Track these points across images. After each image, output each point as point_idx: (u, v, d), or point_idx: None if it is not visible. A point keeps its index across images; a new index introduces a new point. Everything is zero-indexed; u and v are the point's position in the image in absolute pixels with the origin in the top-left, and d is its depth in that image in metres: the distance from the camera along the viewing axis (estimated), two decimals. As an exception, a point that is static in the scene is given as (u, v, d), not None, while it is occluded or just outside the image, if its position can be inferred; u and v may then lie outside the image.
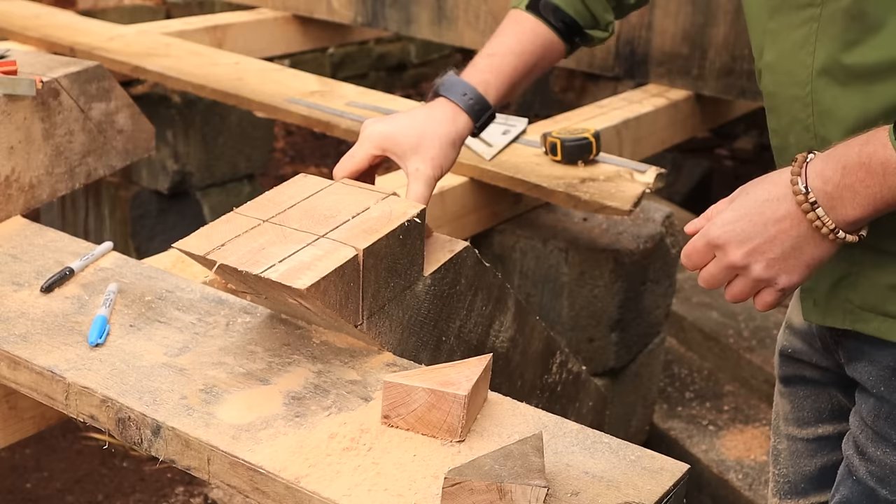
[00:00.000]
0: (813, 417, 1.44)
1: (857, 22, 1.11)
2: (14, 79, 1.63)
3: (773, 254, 1.12)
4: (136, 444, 1.22)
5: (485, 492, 1.00)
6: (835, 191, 1.07)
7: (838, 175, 1.07)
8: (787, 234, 1.11)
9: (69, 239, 1.61)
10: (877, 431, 1.24)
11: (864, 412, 1.26)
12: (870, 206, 1.06)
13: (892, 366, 1.21)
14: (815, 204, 1.08)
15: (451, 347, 1.47)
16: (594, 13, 1.52)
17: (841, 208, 1.07)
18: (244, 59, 3.11)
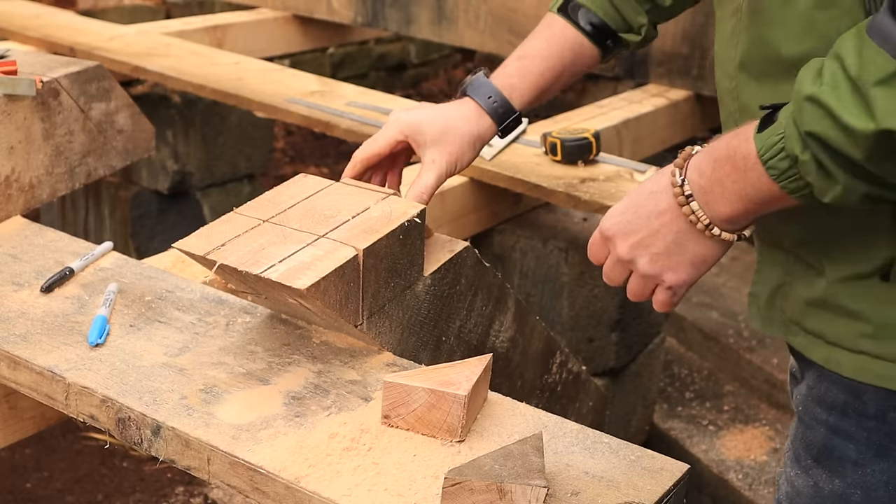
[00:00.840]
0: None
1: (758, 16, 1.09)
2: (14, 79, 1.63)
3: (656, 248, 1.10)
4: (136, 444, 1.22)
5: (485, 492, 1.00)
6: (707, 184, 1.04)
7: (710, 168, 1.04)
8: (669, 227, 1.08)
9: (69, 239, 1.61)
10: (794, 452, 1.21)
11: (791, 432, 1.24)
12: (738, 203, 1.03)
13: (809, 385, 1.17)
14: (691, 197, 1.06)
15: (451, 347, 1.47)
16: (624, 15, 1.45)
17: (714, 203, 1.04)
18: (244, 59, 3.11)
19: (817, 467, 1.17)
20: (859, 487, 1.13)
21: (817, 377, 1.16)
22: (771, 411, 2.41)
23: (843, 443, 1.14)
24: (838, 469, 1.15)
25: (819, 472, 1.17)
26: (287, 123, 4.71)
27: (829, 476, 1.16)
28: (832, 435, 1.15)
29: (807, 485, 1.19)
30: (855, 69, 0.91)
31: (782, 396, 2.40)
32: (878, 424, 1.11)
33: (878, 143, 0.91)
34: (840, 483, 1.14)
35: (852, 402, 1.12)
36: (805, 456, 1.19)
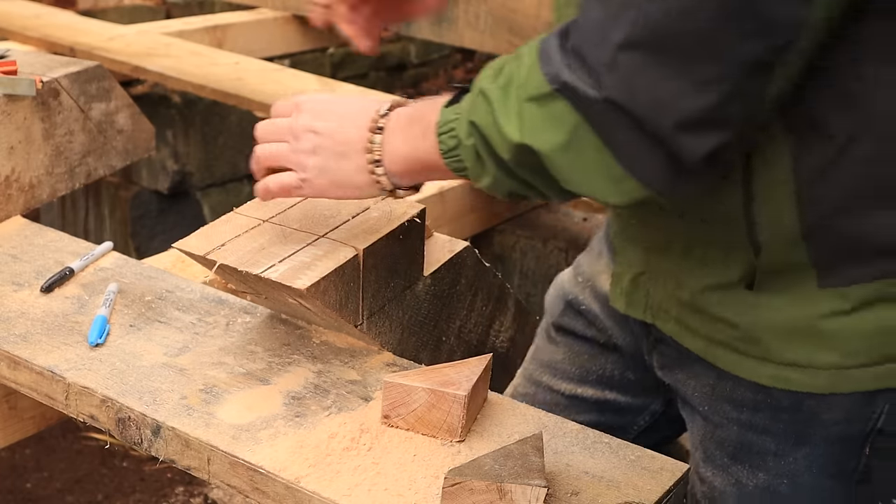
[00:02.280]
0: (578, 375, 1.40)
1: None
2: (14, 79, 1.63)
3: (326, 145, 1.13)
4: (136, 444, 1.22)
5: (485, 492, 1.00)
6: (396, 130, 1.10)
7: (406, 120, 1.10)
8: (347, 140, 1.12)
9: (69, 239, 1.61)
10: (706, 452, 1.21)
11: (695, 432, 1.23)
12: (412, 160, 1.09)
13: (711, 383, 1.17)
14: (380, 131, 1.10)
15: (451, 347, 1.47)
16: None
17: (392, 149, 1.10)
18: (244, 59, 3.11)
19: (736, 464, 1.17)
20: (785, 477, 1.14)
21: (717, 376, 1.16)
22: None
23: (759, 437, 1.14)
24: (759, 463, 1.15)
25: (739, 469, 1.17)
26: (287, 123, 4.70)
27: (751, 471, 1.16)
28: (747, 431, 1.15)
29: (728, 483, 1.19)
30: (521, 79, 0.97)
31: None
32: (793, 415, 1.12)
33: (519, 153, 0.97)
34: (764, 476, 1.15)
35: (764, 399, 1.13)
36: (719, 455, 1.19)
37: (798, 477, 1.14)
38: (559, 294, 1.43)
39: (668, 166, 0.93)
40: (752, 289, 1.09)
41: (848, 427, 1.11)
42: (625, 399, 1.39)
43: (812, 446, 1.12)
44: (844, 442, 1.12)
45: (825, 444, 1.12)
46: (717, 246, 1.10)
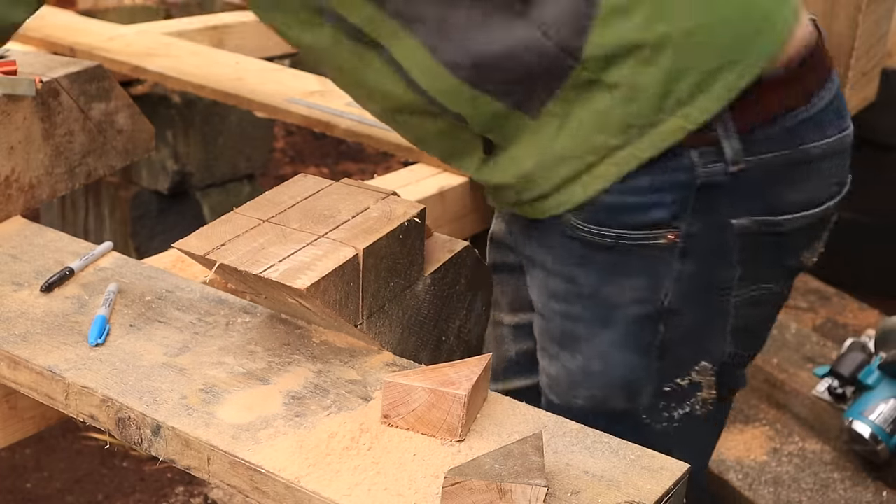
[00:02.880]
0: (512, 305, 1.55)
1: None
2: (14, 79, 1.63)
3: None
4: (136, 444, 1.22)
5: (485, 491, 1.00)
6: None
7: None
8: None
9: (69, 239, 1.61)
10: (542, 346, 1.39)
11: (536, 331, 1.40)
12: None
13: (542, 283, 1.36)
14: None
15: (451, 347, 1.47)
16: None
17: None
18: (244, 59, 3.11)
19: (563, 351, 1.36)
20: (597, 357, 1.32)
21: (545, 275, 1.35)
22: (771, 411, 2.41)
23: (574, 325, 1.33)
24: (576, 347, 1.34)
25: (564, 355, 1.35)
26: (287, 123, 4.71)
27: (573, 355, 1.34)
28: (565, 321, 1.34)
29: (558, 369, 1.37)
30: None
31: (782, 396, 2.41)
32: (594, 302, 1.31)
33: None
34: (581, 357, 1.33)
35: (572, 289, 1.31)
36: (551, 345, 1.38)
37: (608, 355, 1.32)
38: (490, 234, 1.60)
39: None
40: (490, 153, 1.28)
41: (641, 308, 1.30)
42: None
43: (615, 328, 1.30)
44: (641, 321, 1.30)
45: (626, 325, 1.30)
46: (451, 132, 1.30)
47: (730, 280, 1.29)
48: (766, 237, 1.28)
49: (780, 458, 2.26)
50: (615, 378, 1.32)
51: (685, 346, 1.32)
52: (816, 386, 2.33)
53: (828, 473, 2.18)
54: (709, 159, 1.23)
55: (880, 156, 3.05)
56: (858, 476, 2.18)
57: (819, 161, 1.28)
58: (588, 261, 1.29)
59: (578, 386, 1.35)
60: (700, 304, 1.30)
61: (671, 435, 1.36)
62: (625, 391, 1.33)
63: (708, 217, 1.26)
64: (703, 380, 1.34)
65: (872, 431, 2.14)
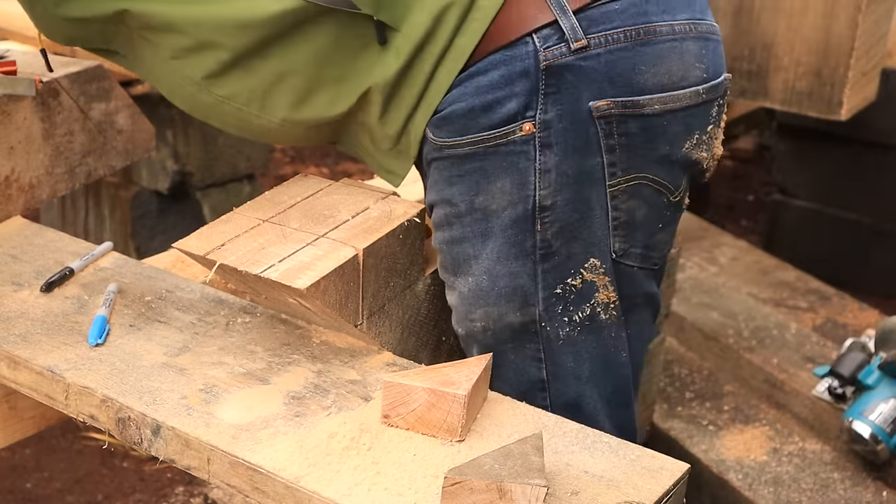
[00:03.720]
0: None
1: None
2: (14, 79, 1.63)
3: None
4: (136, 444, 1.22)
5: (485, 491, 1.00)
6: None
7: None
8: None
9: (69, 239, 1.61)
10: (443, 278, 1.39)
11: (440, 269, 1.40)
12: None
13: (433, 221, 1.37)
14: None
15: (451, 347, 1.47)
16: None
17: None
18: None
19: (456, 277, 1.34)
20: (484, 274, 1.31)
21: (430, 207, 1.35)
22: (771, 411, 2.41)
23: (460, 247, 1.31)
24: (467, 269, 1.32)
25: (457, 280, 1.34)
26: (287, 123, 4.70)
27: (464, 278, 1.33)
28: (452, 246, 1.33)
29: (454, 296, 1.35)
30: None
31: (782, 396, 2.40)
32: (471, 217, 1.29)
33: None
34: (471, 279, 1.32)
35: (450, 210, 1.31)
36: (448, 277, 1.36)
37: (492, 269, 1.30)
38: None
39: None
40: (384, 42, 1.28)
41: (514, 210, 1.28)
42: None
43: (495, 237, 1.29)
44: (518, 224, 1.28)
45: (503, 232, 1.29)
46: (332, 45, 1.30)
47: (598, 168, 1.27)
48: (630, 121, 1.26)
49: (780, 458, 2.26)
50: (503, 289, 1.30)
51: (567, 244, 1.29)
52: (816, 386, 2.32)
53: (828, 473, 2.18)
54: (549, 42, 1.23)
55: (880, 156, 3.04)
56: (858, 476, 2.17)
57: (672, 41, 1.26)
58: (457, 177, 1.29)
59: (473, 307, 1.33)
60: (572, 196, 1.27)
61: (578, 342, 1.33)
62: (515, 301, 1.31)
63: (561, 102, 1.24)
64: (595, 279, 1.31)
65: (872, 431, 2.14)
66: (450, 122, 1.27)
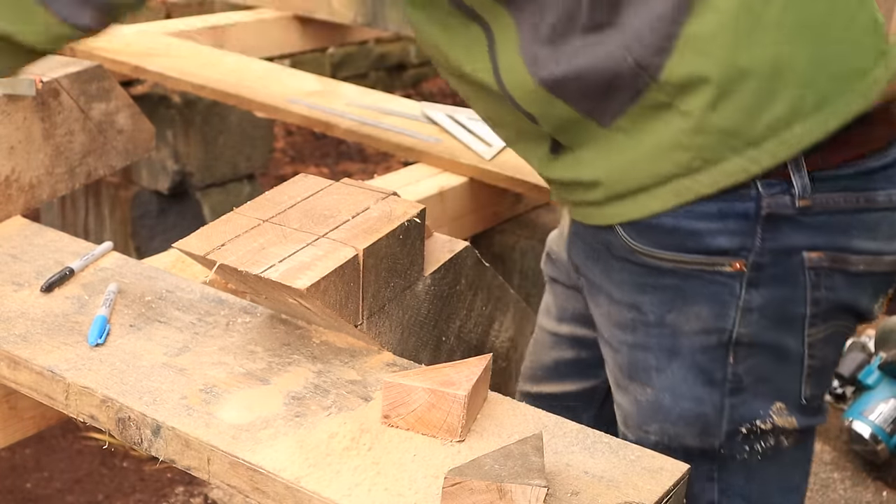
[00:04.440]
0: (557, 314, 1.55)
1: None
2: (14, 79, 1.63)
3: None
4: (136, 444, 1.22)
5: (485, 492, 1.00)
6: None
7: None
8: None
9: (69, 239, 1.61)
10: (614, 378, 1.35)
11: (606, 360, 1.37)
12: None
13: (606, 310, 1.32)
14: None
15: (451, 347, 1.47)
16: None
17: None
18: (244, 59, 3.11)
19: (632, 383, 1.32)
20: (667, 389, 1.28)
21: (609, 303, 1.31)
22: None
23: (643, 355, 1.29)
24: (647, 379, 1.29)
25: (635, 387, 1.31)
26: (287, 123, 4.71)
27: (642, 387, 1.30)
28: (632, 351, 1.30)
29: (629, 402, 1.33)
30: None
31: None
32: (660, 330, 1.26)
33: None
34: (651, 391, 1.29)
35: (637, 317, 1.28)
36: (621, 377, 1.33)
37: (677, 387, 1.27)
38: (546, 247, 1.59)
39: None
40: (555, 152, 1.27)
41: (708, 338, 1.25)
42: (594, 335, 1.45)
43: (682, 358, 1.26)
44: (709, 352, 1.26)
45: (692, 356, 1.26)
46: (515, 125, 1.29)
47: (800, 316, 1.25)
48: (836, 274, 1.24)
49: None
50: (685, 411, 1.28)
51: (758, 384, 1.27)
52: (816, 386, 2.32)
53: (828, 473, 2.18)
54: (775, 190, 1.20)
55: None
56: (858, 476, 2.18)
57: (886, 210, 1.25)
58: (651, 287, 1.26)
59: (650, 420, 1.31)
60: (771, 339, 1.26)
61: (754, 467, 1.31)
62: (696, 427, 1.29)
63: (776, 248, 1.22)
64: (784, 423, 1.29)
65: (872, 431, 2.14)
66: (652, 233, 1.24)
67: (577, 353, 1.55)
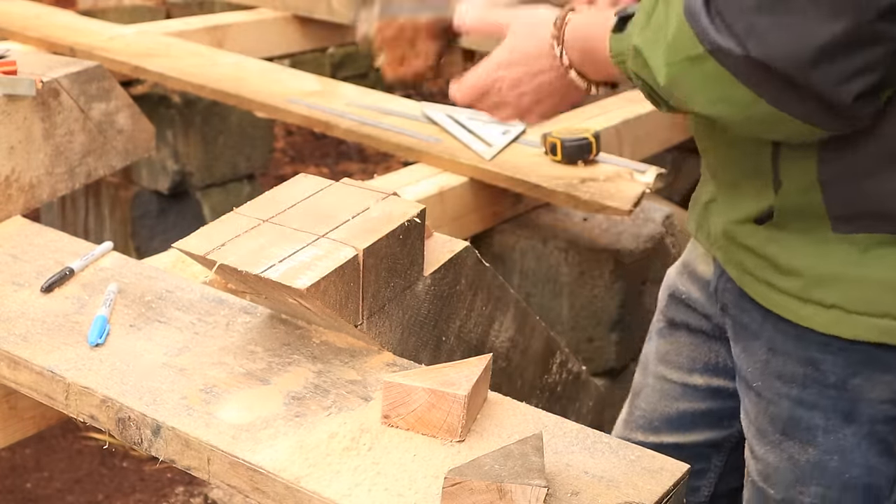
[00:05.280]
0: (687, 365, 1.46)
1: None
2: (14, 79, 1.63)
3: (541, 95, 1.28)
4: (136, 444, 1.22)
5: (485, 492, 1.00)
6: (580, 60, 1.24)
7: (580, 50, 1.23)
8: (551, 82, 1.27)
9: (69, 239, 1.61)
10: (758, 428, 1.26)
11: (749, 409, 1.28)
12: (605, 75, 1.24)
13: (764, 358, 1.22)
14: (570, 65, 1.24)
15: (451, 347, 1.47)
16: None
17: (587, 73, 1.25)
18: (244, 59, 3.11)
19: (788, 440, 1.22)
20: (835, 452, 1.19)
21: (770, 353, 1.21)
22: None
23: (809, 413, 1.20)
24: (810, 438, 1.20)
25: (791, 445, 1.22)
26: (287, 123, 4.71)
27: (802, 446, 1.21)
28: (796, 406, 1.20)
29: (781, 459, 1.23)
30: (671, 35, 1.05)
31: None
32: (839, 392, 1.17)
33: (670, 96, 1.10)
34: (815, 451, 1.20)
35: (812, 374, 1.18)
36: (771, 431, 1.24)
37: (848, 453, 1.19)
38: (666, 287, 1.50)
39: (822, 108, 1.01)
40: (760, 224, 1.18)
41: (893, 409, 1.16)
42: (733, 385, 1.37)
43: (860, 424, 1.17)
44: (889, 423, 1.17)
45: (872, 424, 1.17)
46: (752, 178, 1.18)
47: None
48: None
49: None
50: (854, 479, 1.20)
51: None
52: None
53: (828, 473, 2.18)
54: None
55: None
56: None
57: None
58: (837, 348, 1.16)
59: (808, 482, 1.22)
60: None
61: None
62: (863, 495, 1.21)
63: None
64: None
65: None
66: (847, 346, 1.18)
67: (709, 404, 1.45)
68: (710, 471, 1.48)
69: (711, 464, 1.48)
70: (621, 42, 1.15)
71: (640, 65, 1.10)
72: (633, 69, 1.12)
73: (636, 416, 1.54)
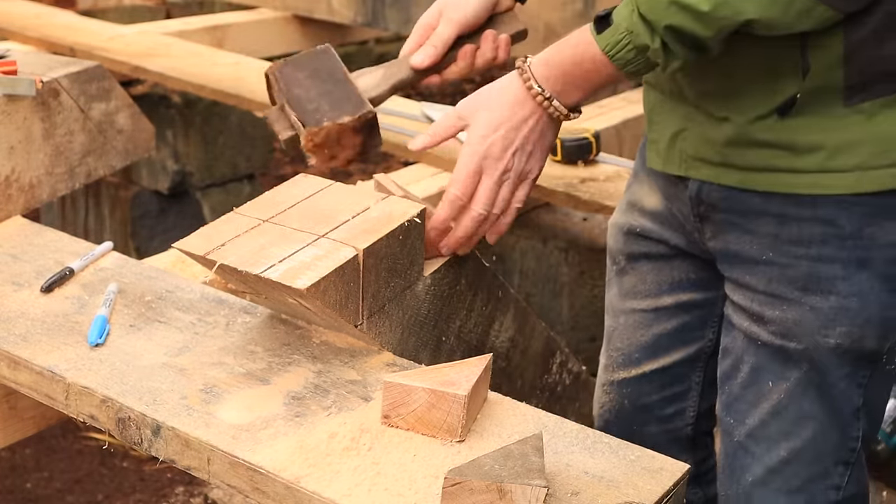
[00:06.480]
0: (654, 290, 1.55)
1: None
2: (14, 79, 1.63)
3: (528, 147, 1.36)
4: (136, 444, 1.22)
5: (485, 492, 1.00)
6: (561, 87, 1.31)
7: (560, 75, 1.30)
8: (536, 126, 1.34)
9: (69, 239, 1.61)
10: (772, 294, 1.35)
11: (753, 281, 1.37)
12: (587, 92, 1.31)
13: (773, 232, 1.33)
14: (551, 98, 1.31)
15: (451, 347, 1.47)
16: None
17: (566, 97, 1.32)
18: (244, 59, 3.11)
19: (808, 294, 1.33)
20: (854, 296, 1.31)
21: (779, 224, 1.33)
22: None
23: (828, 266, 1.31)
24: (830, 288, 1.32)
25: (812, 297, 1.33)
26: (287, 123, 4.70)
27: (824, 296, 1.32)
28: (815, 263, 1.32)
29: (803, 311, 1.34)
30: None
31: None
32: (855, 242, 1.30)
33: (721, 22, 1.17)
34: (835, 298, 1.32)
35: (829, 230, 1.30)
36: (790, 290, 1.34)
37: (865, 296, 1.32)
38: (615, 230, 1.59)
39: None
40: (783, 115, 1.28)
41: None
42: (701, 295, 1.52)
43: (872, 267, 1.31)
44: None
45: (885, 265, 1.31)
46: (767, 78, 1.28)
47: None
48: None
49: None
50: (873, 315, 1.33)
51: None
52: (817, 386, 2.32)
53: (828, 473, 2.18)
54: None
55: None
56: (858, 476, 2.17)
57: None
58: (851, 203, 1.30)
59: (833, 324, 1.34)
60: None
61: (891, 380, 1.39)
62: (880, 329, 1.34)
63: None
64: None
65: (873, 431, 2.14)
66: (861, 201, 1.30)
67: (680, 320, 1.55)
68: (692, 389, 1.58)
69: (692, 381, 1.58)
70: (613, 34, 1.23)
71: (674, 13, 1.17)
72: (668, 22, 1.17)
73: (615, 358, 1.62)
